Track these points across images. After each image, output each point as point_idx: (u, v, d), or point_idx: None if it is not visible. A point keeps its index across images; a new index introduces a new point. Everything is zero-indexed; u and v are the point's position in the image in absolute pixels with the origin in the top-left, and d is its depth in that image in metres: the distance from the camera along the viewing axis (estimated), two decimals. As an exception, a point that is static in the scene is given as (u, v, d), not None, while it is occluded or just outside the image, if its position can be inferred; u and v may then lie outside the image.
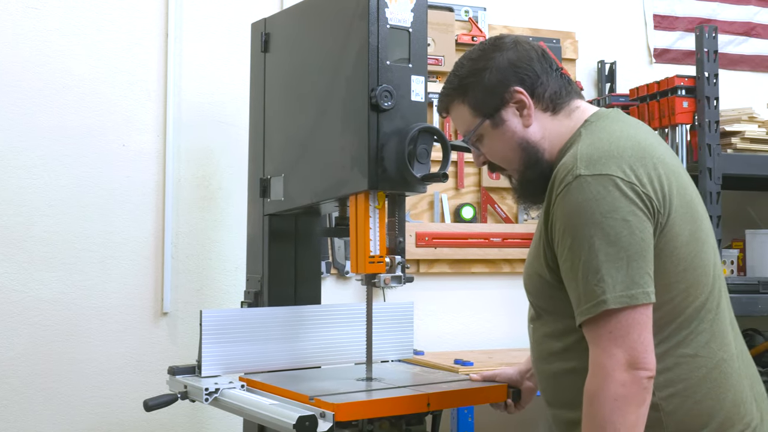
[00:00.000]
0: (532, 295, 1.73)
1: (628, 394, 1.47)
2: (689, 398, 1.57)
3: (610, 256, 1.48)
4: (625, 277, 1.48)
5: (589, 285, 1.49)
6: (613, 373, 1.47)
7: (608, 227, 1.49)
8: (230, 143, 3.00)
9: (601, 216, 1.49)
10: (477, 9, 3.43)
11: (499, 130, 1.72)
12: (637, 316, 1.48)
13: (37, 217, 2.80)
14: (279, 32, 2.41)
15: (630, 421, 1.47)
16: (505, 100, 1.70)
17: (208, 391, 1.95)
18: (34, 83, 2.82)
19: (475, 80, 1.73)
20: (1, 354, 2.75)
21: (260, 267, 2.40)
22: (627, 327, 1.48)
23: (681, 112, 3.07)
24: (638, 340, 1.48)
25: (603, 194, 1.50)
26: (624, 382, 1.47)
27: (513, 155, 1.73)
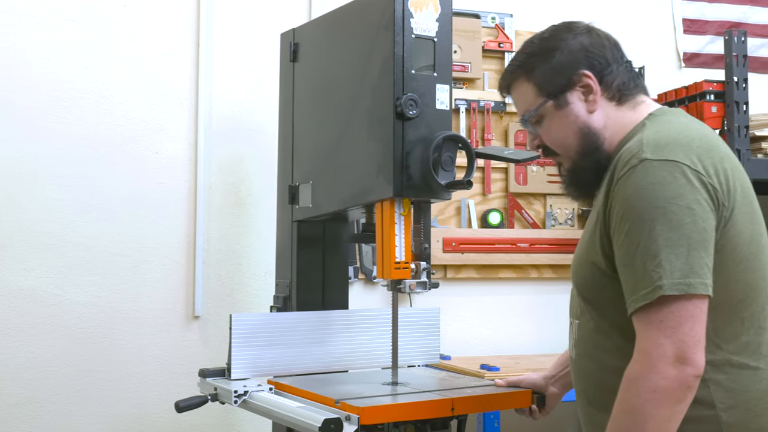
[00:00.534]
0: (581, 288, 1.66)
1: (668, 388, 1.42)
2: (749, 411, 1.53)
3: (670, 241, 1.43)
4: (684, 264, 1.42)
5: (647, 271, 1.44)
6: (657, 363, 1.42)
7: (671, 213, 1.44)
8: (260, 151, 3.05)
9: (665, 201, 1.45)
10: (503, 15, 3.45)
11: (561, 113, 1.67)
12: (691, 308, 1.43)
13: (73, 223, 2.88)
14: (307, 42, 2.45)
15: (663, 415, 1.42)
16: (573, 82, 1.66)
17: (237, 393, 2.00)
18: (70, 93, 2.90)
19: (543, 59, 1.68)
20: (39, 355, 2.82)
21: (289, 272, 2.44)
22: (679, 318, 1.42)
23: (710, 117, 3.06)
24: (689, 334, 1.42)
25: (668, 180, 1.46)
26: (667, 376, 1.42)
27: (572, 140, 1.68)
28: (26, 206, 2.83)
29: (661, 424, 1.43)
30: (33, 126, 2.85)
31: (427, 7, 2.04)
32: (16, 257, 2.80)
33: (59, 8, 2.89)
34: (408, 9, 2.02)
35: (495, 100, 3.38)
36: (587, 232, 1.65)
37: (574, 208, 3.47)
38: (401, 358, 2.28)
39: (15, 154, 2.82)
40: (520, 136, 3.40)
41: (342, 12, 2.30)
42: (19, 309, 2.80)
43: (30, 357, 2.81)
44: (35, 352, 2.82)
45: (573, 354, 1.74)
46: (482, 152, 2.06)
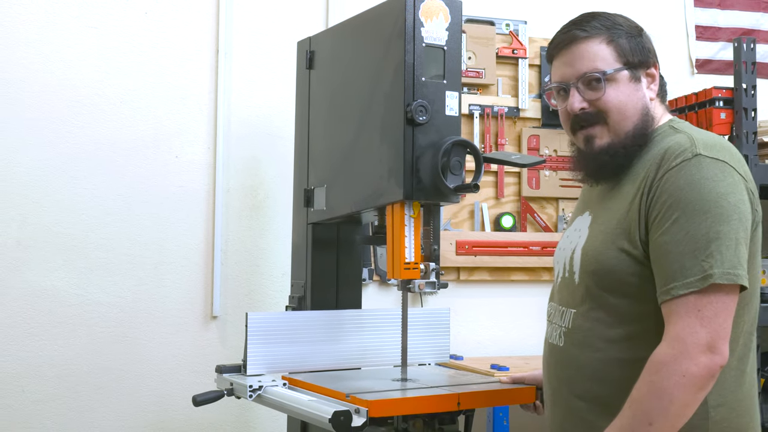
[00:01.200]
0: (600, 274, 1.65)
1: (697, 375, 1.47)
2: (733, 411, 1.60)
3: (721, 234, 1.49)
4: (732, 256, 1.49)
5: (697, 259, 1.48)
6: (691, 349, 1.47)
7: (722, 207, 1.50)
8: (277, 154, 3.12)
9: (717, 196, 1.51)
10: (518, 22, 3.50)
11: (633, 86, 1.71)
12: (728, 301, 1.49)
13: (95, 226, 2.96)
14: (323, 50, 2.53)
15: (687, 400, 1.48)
16: (648, 64, 1.73)
17: (252, 388, 2.07)
18: (93, 99, 2.99)
19: (631, 34, 1.75)
20: (61, 354, 2.91)
21: (304, 273, 2.51)
22: (717, 309, 1.48)
23: (718, 123, 3.10)
24: (723, 325, 1.48)
25: (720, 177, 1.53)
26: (698, 362, 1.47)
27: (632, 113, 1.70)
28: (50, 209, 2.92)
29: (682, 409, 1.49)
30: (57, 131, 2.94)
31: (437, 16, 2.11)
32: (39, 258, 2.89)
33: (82, 16, 2.99)
34: (419, 18, 2.09)
35: (509, 105, 3.44)
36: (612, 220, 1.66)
37: (586, 212, 3.51)
38: (412, 356, 2.35)
39: (39, 158, 2.91)
40: (533, 141, 3.46)
41: (356, 21, 2.37)
42: (43, 309, 2.89)
43: (53, 355, 2.90)
44: (58, 350, 2.90)
45: (560, 342, 1.76)
46: (490, 157, 2.13)
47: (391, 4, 2.14)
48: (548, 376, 1.82)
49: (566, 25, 1.83)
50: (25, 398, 2.87)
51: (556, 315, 1.80)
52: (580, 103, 1.73)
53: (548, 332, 1.85)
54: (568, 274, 1.77)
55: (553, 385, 1.79)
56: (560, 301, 1.80)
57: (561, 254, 1.85)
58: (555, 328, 1.80)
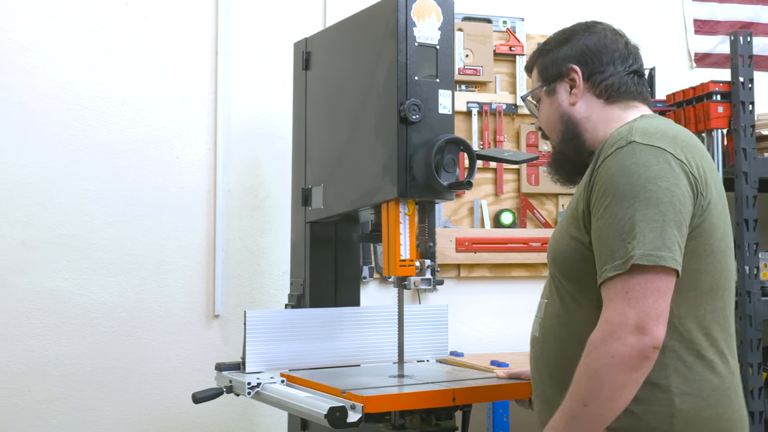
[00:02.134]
0: (558, 262, 1.71)
1: (626, 355, 1.48)
2: (703, 400, 1.60)
3: (646, 217, 1.51)
4: (656, 238, 1.50)
5: (623, 242, 1.51)
6: (618, 330, 1.49)
7: (650, 191, 1.53)
8: (277, 154, 3.14)
9: (646, 181, 1.54)
10: (515, 20, 3.52)
11: (550, 99, 1.83)
12: (657, 281, 1.50)
13: (97, 226, 3.00)
14: (318, 51, 2.55)
15: (619, 381, 1.49)
16: (563, 74, 1.80)
17: (250, 385, 2.10)
18: (94, 101, 3.02)
19: (552, 50, 1.84)
20: (66, 354, 2.94)
21: (303, 271, 2.54)
22: (645, 290, 1.49)
23: (716, 117, 3.11)
24: (652, 306, 1.49)
25: (653, 162, 1.55)
26: (626, 343, 1.48)
27: (555, 125, 1.83)
28: (53, 210, 2.95)
29: (616, 390, 1.50)
30: (59, 134, 2.97)
31: (429, 16, 2.13)
32: (43, 259, 2.93)
33: (83, 20, 3.02)
34: (411, 18, 2.11)
35: (507, 102, 3.46)
36: (568, 209, 1.73)
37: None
38: (410, 353, 2.38)
39: (42, 160, 2.95)
40: (531, 138, 3.48)
41: (350, 21, 2.40)
42: (47, 309, 2.93)
43: (57, 355, 2.93)
44: (62, 350, 2.94)
45: (538, 333, 1.80)
46: (483, 154, 2.15)
47: (384, 5, 2.17)
48: (531, 368, 1.85)
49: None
50: (31, 397, 2.90)
51: (538, 308, 1.85)
52: (536, 123, 1.94)
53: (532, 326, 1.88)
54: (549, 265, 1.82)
55: (533, 376, 1.82)
56: (542, 294, 1.85)
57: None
58: (535, 320, 1.84)
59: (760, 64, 3.75)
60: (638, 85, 1.81)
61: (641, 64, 1.85)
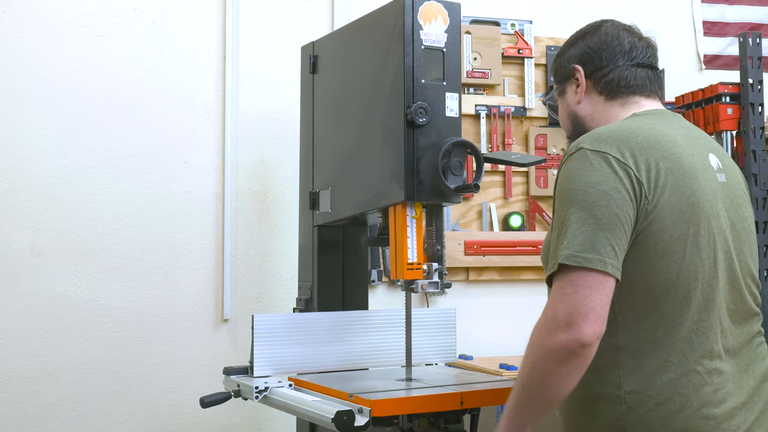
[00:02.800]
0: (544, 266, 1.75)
1: (553, 347, 1.52)
2: (652, 399, 1.61)
3: (579, 219, 1.56)
4: (584, 240, 1.54)
5: (558, 244, 1.57)
6: (549, 324, 1.54)
7: (587, 195, 1.58)
8: (285, 158, 3.15)
9: (585, 185, 1.59)
10: (523, 22, 3.52)
11: (562, 99, 1.94)
12: (590, 279, 1.53)
13: (106, 231, 3.01)
14: (325, 54, 2.55)
15: (548, 370, 1.55)
16: (569, 75, 1.90)
17: (258, 389, 2.10)
18: (104, 107, 3.03)
19: (562, 53, 1.94)
20: (75, 358, 2.95)
21: (311, 275, 2.54)
22: (576, 287, 1.53)
23: (725, 119, 3.10)
24: (583, 302, 1.52)
25: (595, 167, 1.60)
26: (554, 336, 1.52)
27: (566, 123, 1.94)
28: (62, 215, 2.96)
29: (546, 377, 1.56)
30: (67, 139, 2.99)
31: (436, 19, 2.13)
32: (52, 264, 2.94)
33: (91, 25, 3.03)
34: (417, 21, 2.11)
35: (515, 105, 3.45)
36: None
37: (595, 210, 3.51)
38: (419, 357, 2.38)
39: (51, 165, 2.96)
40: (540, 141, 3.47)
41: (357, 25, 2.40)
42: (57, 313, 2.94)
43: (67, 359, 2.94)
44: (72, 354, 2.95)
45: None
46: (490, 157, 2.14)
47: (391, 7, 2.16)
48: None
49: None
50: (40, 402, 2.91)
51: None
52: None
53: None
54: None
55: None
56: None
57: None
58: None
59: (770, 65, 3.74)
60: (643, 78, 1.83)
61: (649, 56, 1.87)
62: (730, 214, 1.73)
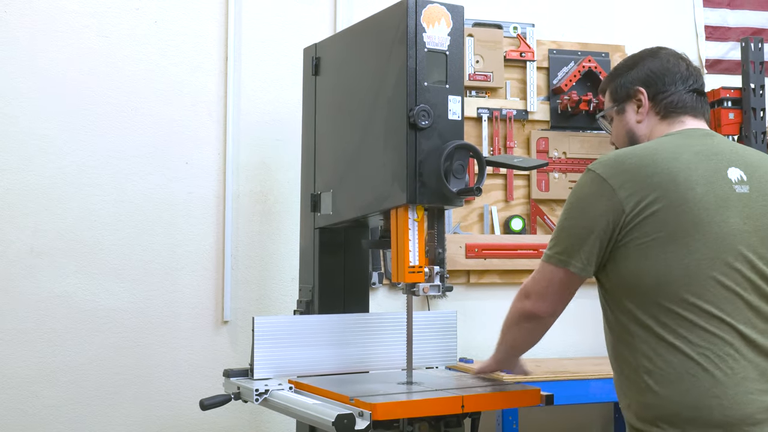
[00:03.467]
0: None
1: (514, 310, 2.00)
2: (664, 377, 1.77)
3: (566, 227, 1.87)
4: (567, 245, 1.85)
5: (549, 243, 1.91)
6: (519, 294, 1.98)
7: (572, 209, 1.87)
8: (287, 160, 3.15)
9: (578, 199, 1.87)
10: (525, 25, 3.51)
11: (619, 117, 2.04)
12: (556, 272, 1.87)
13: (107, 232, 3.00)
14: (328, 56, 2.55)
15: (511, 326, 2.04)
16: (630, 95, 2.01)
17: (258, 392, 2.09)
18: (105, 107, 3.03)
19: (621, 74, 2.05)
20: (74, 359, 2.94)
21: (311, 277, 2.53)
22: (543, 275, 1.90)
23: (727, 123, 3.11)
24: (542, 286, 1.91)
25: (584, 186, 1.86)
26: (516, 303, 1.99)
27: (623, 141, 2.04)
28: (63, 216, 2.96)
29: (510, 330, 2.05)
30: (68, 139, 2.98)
31: (439, 21, 2.12)
32: (52, 264, 2.93)
33: (93, 26, 3.03)
34: (421, 24, 2.10)
35: (517, 108, 3.45)
36: None
37: (596, 214, 3.51)
38: (420, 360, 2.37)
39: (52, 166, 2.96)
40: (541, 144, 3.46)
41: (360, 27, 2.39)
42: (56, 314, 2.93)
43: (66, 360, 2.93)
44: (71, 355, 2.94)
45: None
46: (493, 160, 2.14)
47: (394, 10, 2.16)
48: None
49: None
50: (39, 403, 2.90)
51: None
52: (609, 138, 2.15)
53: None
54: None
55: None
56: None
57: None
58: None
59: (771, 70, 3.74)
60: (694, 101, 1.98)
61: (702, 84, 2.02)
62: (752, 221, 1.82)
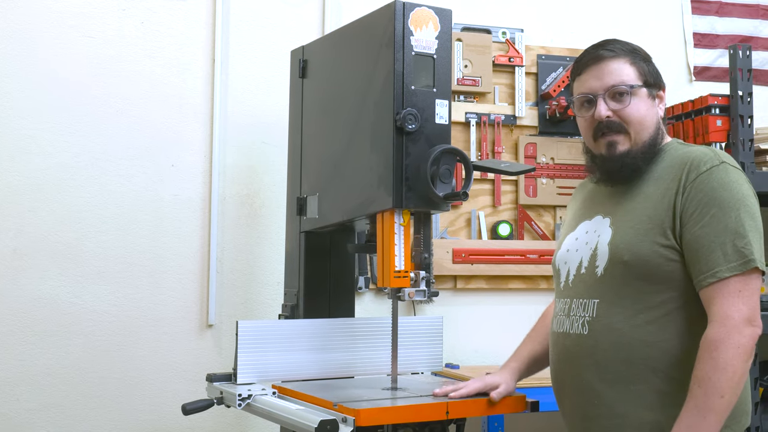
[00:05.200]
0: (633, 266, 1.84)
1: (747, 345, 1.72)
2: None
3: (752, 227, 1.78)
4: (760, 245, 1.78)
5: (736, 247, 1.75)
6: (739, 324, 1.72)
7: (750, 205, 1.80)
8: (273, 163, 3.13)
9: (743, 196, 1.80)
10: (514, 30, 3.51)
11: (650, 101, 1.96)
12: (759, 282, 1.77)
13: (90, 234, 2.97)
14: (315, 59, 2.53)
15: (743, 369, 1.73)
16: (661, 86, 2.00)
17: (241, 396, 2.07)
18: (90, 108, 3.00)
19: (647, 59, 2.00)
20: (56, 362, 2.91)
21: (297, 281, 2.52)
22: (752, 289, 1.75)
23: (715, 130, 3.10)
24: (757, 302, 1.76)
25: (743, 181, 1.83)
26: (745, 334, 1.72)
27: (649, 125, 1.94)
28: (46, 217, 2.93)
29: (741, 378, 1.74)
30: (52, 140, 2.95)
31: (426, 25, 2.11)
32: (35, 266, 2.90)
33: (79, 26, 3.00)
34: (408, 27, 2.09)
35: (505, 113, 3.44)
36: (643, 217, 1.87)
37: (583, 220, 3.51)
38: (405, 365, 2.35)
39: (35, 167, 2.93)
40: (530, 149, 3.46)
41: (347, 30, 2.38)
42: (38, 317, 2.90)
43: (48, 364, 2.90)
44: (53, 359, 2.91)
45: (585, 331, 1.92)
46: (480, 165, 2.13)
47: (381, 13, 2.15)
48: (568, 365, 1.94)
49: (592, 46, 2.05)
50: (20, 407, 2.87)
51: (576, 308, 1.95)
52: (606, 111, 1.95)
53: (565, 325, 1.97)
54: (586, 270, 1.94)
55: (566, 369, 1.94)
56: (578, 294, 1.96)
57: (572, 255, 2.02)
58: (576, 319, 1.95)
59: (759, 78, 3.74)
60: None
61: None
62: None
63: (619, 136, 1.94)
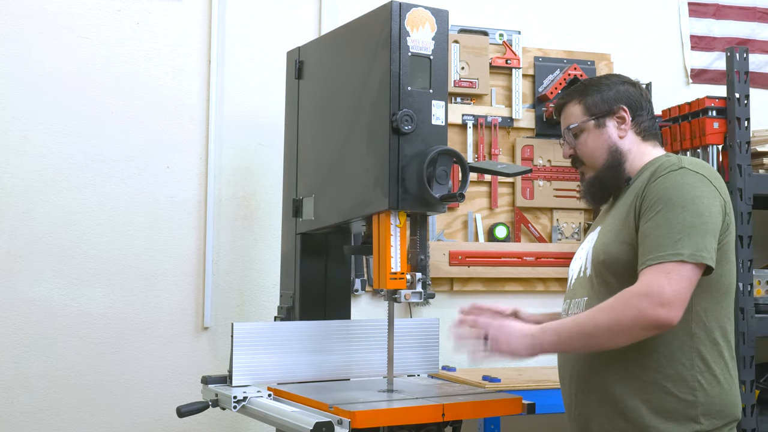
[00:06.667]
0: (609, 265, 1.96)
1: (647, 317, 1.77)
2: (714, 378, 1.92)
3: (694, 224, 1.84)
4: (699, 242, 1.83)
5: (671, 240, 1.82)
6: (654, 294, 1.78)
7: (697, 206, 1.86)
8: (269, 164, 3.12)
9: (694, 197, 1.87)
10: (511, 32, 3.50)
11: (598, 131, 2.09)
12: (692, 276, 1.81)
13: (86, 236, 2.96)
14: (311, 60, 2.52)
15: (630, 332, 1.80)
16: (612, 111, 2.09)
17: (236, 399, 2.06)
18: (85, 109, 2.99)
19: (596, 89, 2.12)
20: (51, 364, 2.90)
21: (293, 283, 2.51)
22: (682, 277, 1.80)
23: (711, 132, 3.10)
24: (683, 293, 1.80)
25: (699, 185, 1.90)
26: (654, 309, 1.77)
27: (600, 154, 2.08)
28: (40, 219, 2.91)
29: (621, 334, 1.82)
30: (47, 141, 2.94)
31: (423, 26, 2.11)
32: (30, 268, 2.89)
33: (74, 27, 2.99)
34: (405, 28, 2.08)
35: (502, 115, 3.44)
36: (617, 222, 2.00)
37: (580, 222, 3.51)
38: (401, 367, 2.34)
39: (30, 168, 2.91)
40: (527, 151, 3.45)
41: (343, 30, 2.37)
42: (33, 319, 2.89)
43: (43, 366, 2.89)
44: (48, 361, 2.90)
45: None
46: (476, 166, 2.12)
47: (378, 14, 2.14)
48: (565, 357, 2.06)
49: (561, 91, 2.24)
50: (15, 410, 2.86)
51: (573, 307, 2.07)
52: (568, 150, 2.15)
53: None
54: (583, 273, 2.07)
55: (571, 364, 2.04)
56: (574, 295, 2.08)
57: (575, 262, 2.16)
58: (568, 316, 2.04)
59: (755, 80, 3.74)
60: (659, 130, 2.17)
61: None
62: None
63: (584, 166, 2.13)
